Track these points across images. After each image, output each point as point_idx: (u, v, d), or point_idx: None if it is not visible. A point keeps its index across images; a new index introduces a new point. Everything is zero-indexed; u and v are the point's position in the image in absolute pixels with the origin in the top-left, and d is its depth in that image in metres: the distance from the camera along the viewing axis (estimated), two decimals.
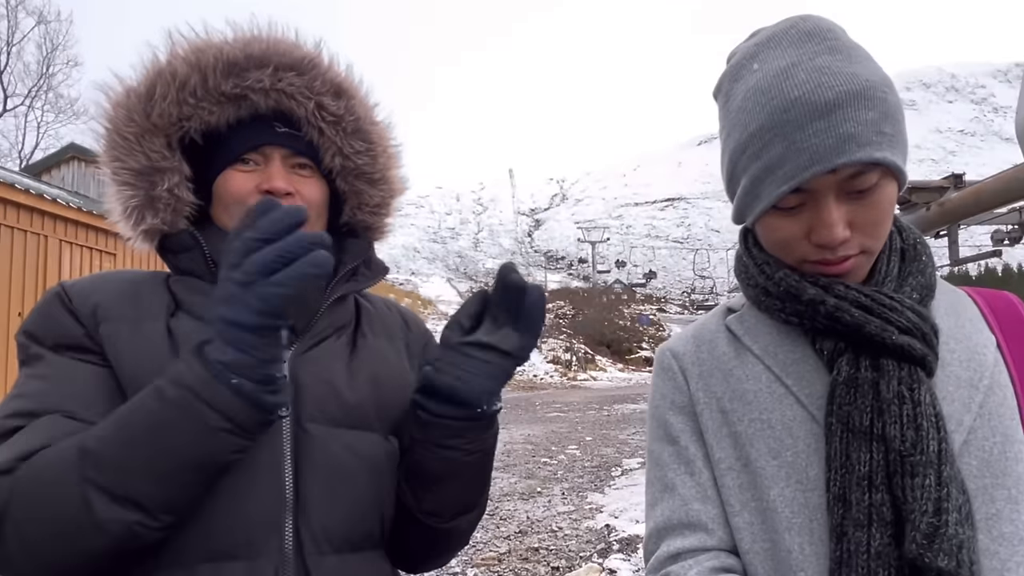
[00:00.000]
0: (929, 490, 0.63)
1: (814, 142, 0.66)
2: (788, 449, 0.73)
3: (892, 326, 0.70)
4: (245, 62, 0.84)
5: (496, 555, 4.58)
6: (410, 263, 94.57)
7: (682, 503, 0.78)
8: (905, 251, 0.78)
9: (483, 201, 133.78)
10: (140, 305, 0.83)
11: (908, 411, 0.67)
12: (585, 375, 28.12)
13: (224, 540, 0.75)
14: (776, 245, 0.76)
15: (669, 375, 0.85)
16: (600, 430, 11.11)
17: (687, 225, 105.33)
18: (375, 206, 0.96)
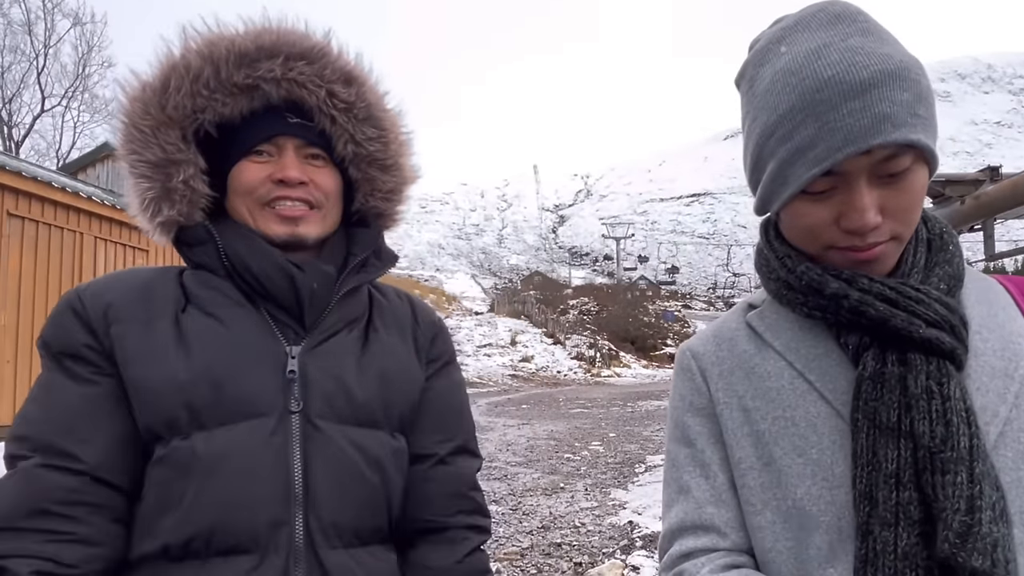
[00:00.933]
0: (961, 487, 0.61)
1: (848, 122, 0.63)
2: (813, 446, 0.72)
3: (919, 319, 0.68)
4: (256, 53, 0.86)
5: (518, 550, 4.59)
6: (435, 259, 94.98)
7: (696, 506, 0.78)
8: (931, 241, 0.76)
9: (507, 197, 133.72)
10: (151, 303, 0.84)
11: (937, 406, 0.64)
12: (609, 371, 28.01)
13: (235, 535, 0.77)
14: (803, 232, 0.73)
15: (688, 376, 0.84)
16: (624, 426, 11.06)
17: (713, 221, 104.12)
18: (388, 192, 0.97)
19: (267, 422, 0.80)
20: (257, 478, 0.78)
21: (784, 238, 0.79)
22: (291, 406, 0.82)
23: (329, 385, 0.84)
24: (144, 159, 0.86)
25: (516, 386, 22.10)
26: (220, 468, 0.77)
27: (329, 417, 0.83)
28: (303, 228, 0.88)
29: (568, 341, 30.98)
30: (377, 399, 0.88)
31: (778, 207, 0.72)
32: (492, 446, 9.05)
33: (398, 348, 0.95)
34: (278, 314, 0.87)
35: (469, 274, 77.94)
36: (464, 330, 29.50)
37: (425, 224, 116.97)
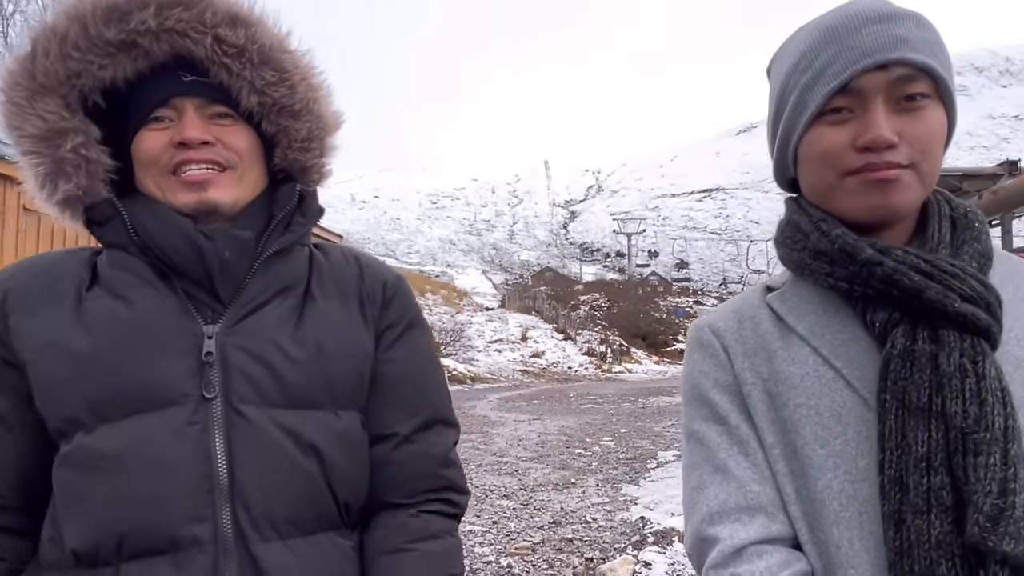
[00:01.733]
0: (994, 469, 0.59)
1: (867, 41, 0.66)
2: (837, 437, 0.69)
3: (954, 293, 0.65)
4: (126, 5, 0.77)
5: (530, 545, 4.59)
6: (446, 255, 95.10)
7: (739, 485, 0.73)
8: (956, 219, 0.74)
9: (518, 193, 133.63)
10: (51, 289, 0.78)
11: (971, 385, 0.62)
12: (620, 367, 27.94)
13: (149, 535, 0.71)
14: (820, 160, 0.71)
15: (710, 352, 0.80)
16: (635, 422, 11.03)
17: (725, 216, 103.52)
18: (303, 140, 0.87)
19: (181, 411, 0.74)
20: (169, 472, 0.72)
21: (815, 206, 0.76)
22: (207, 392, 0.75)
23: (252, 366, 0.77)
24: (27, 133, 0.78)
25: (527, 381, 22.10)
26: (126, 463, 0.71)
27: (253, 401, 0.77)
28: (213, 193, 0.80)
29: (579, 337, 30.93)
30: (315, 376, 0.80)
31: (799, 134, 0.72)
32: (503, 441, 9.05)
33: (339, 315, 0.86)
34: (194, 291, 0.80)
35: (480, 270, 78.02)
36: (475, 325, 29.52)
37: (436, 220, 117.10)
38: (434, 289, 35.59)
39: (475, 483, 6.43)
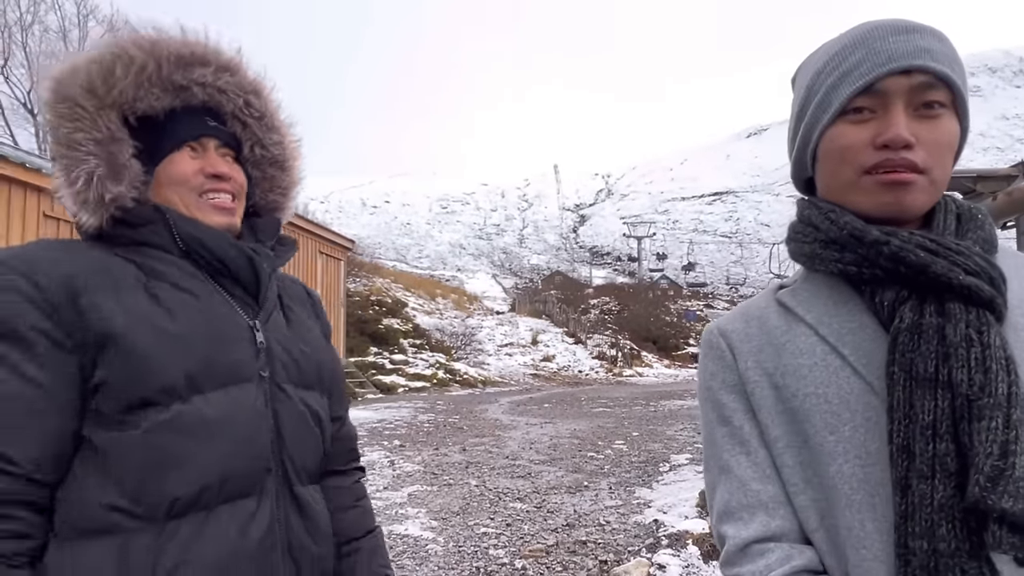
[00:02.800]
0: (996, 432, 0.61)
1: (893, 47, 0.71)
2: (846, 424, 0.71)
3: (958, 267, 0.68)
4: (191, 58, 0.96)
5: (544, 547, 4.60)
6: (456, 259, 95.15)
7: (739, 484, 0.77)
8: (961, 214, 0.77)
9: (528, 197, 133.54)
10: (113, 275, 0.87)
11: (977, 354, 0.64)
12: (631, 371, 27.85)
13: (241, 482, 0.89)
14: (839, 156, 0.74)
15: (717, 353, 0.83)
16: (647, 426, 11.00)
17: (735, 219, 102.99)
18: (284, 188, 1.10)
19: (252, 386, 0.92)
20: (254, 433, 0.91)
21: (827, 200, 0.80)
22: (262, 372, 0.95)
23: (283, 354, 0.99)
24: (92, 136, 0.90)
25: (537, 385, 22.08)
26: (224, 427, 0.88)
27: (286, 381, 0.98)
28: (234, 218, 1.00)
29: (589, 341, 30.87)
30: (314, 365, 1.03)
31: (821, 130, 0.76)
32: (515, 444, 9.06)
33: (310, 323, 1.10)
34: (234, 290, 0.97)
35: (490, 274, 78.00)
36: (485, 329, 29.53)
37: (446, 225, 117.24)
38: (444, 294, 35.64)
39: (488, 486, 6.46)
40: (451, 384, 20.05)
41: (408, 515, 5.43)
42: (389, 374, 18.89)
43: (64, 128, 0.90)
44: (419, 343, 23.16)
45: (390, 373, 19.03)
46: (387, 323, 22.71)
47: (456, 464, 7.52)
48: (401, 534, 4.90)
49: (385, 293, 26.73)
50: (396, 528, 5.05)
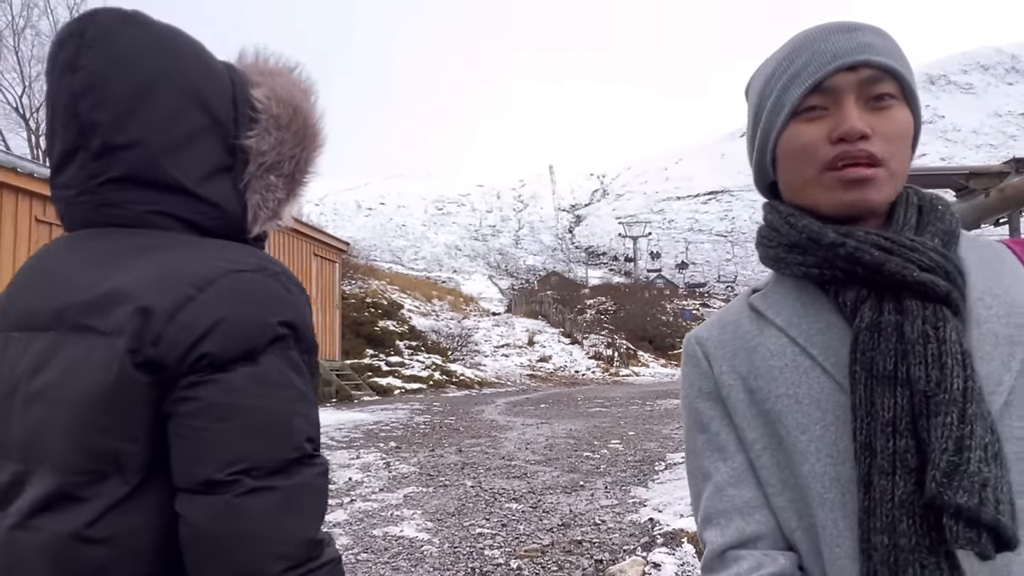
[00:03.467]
0: (951, 428, 0.61)
1: (836, 46, 0.73)
2: (817, 423, 0.72)
3: (913, 264, 0.68)
4: None
5: (539, 547, 4.59)
6: (452, 261, 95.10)
7: (716, 490, 0.78)
8: (922, 206, 0.77)
9: (523, 198, 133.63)
10: None
11: (933, 350, 0.64)
12: (627, 370, 27.88)
13: None
14: (799, 155, 0.75)
15: (695, 362, 0.85)
16: (643, 425, 11.01)
17: (731, 218, 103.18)
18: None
19: None
20: None
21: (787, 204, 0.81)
22: None
23: None
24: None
25: (534, 386, 22.08)
26: None
27: None
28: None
29: (586, 341, 30.89)
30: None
31: (777, 133, 0.76)
32: (511, 445, 9.05)
33: None
34: None
35: (486, 275, 78.02)
36: (482, 331, 29.52)
37: (442, 226, 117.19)
38: (440, 295, 35.62)
39: (484, 487, 6.45)
40: (447, 385, 20.03)
41: (404, 516, 5.42)
42: (385, 376, 18.86)
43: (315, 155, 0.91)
44: (415, 345, 23.14)
45: (386, 375, 19.00)
46: (383, 325, 22.68)
47: (452, 465, 7.51)
48: (396, 535, 4.89)
49: (380, 295, 26.70)
50: (392, 530, 5.04)
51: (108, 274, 0.74)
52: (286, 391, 0.73)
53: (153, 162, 0.78)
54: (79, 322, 0.72)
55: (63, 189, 0.81)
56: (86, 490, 0.69)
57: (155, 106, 0.79)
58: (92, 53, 0.77)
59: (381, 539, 4.82)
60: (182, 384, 0.69)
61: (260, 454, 0.69)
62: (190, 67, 0.82)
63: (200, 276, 0.72)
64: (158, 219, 0.80)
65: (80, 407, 0.69)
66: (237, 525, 0.67)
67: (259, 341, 0.72)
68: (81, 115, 0.77)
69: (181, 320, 0.70)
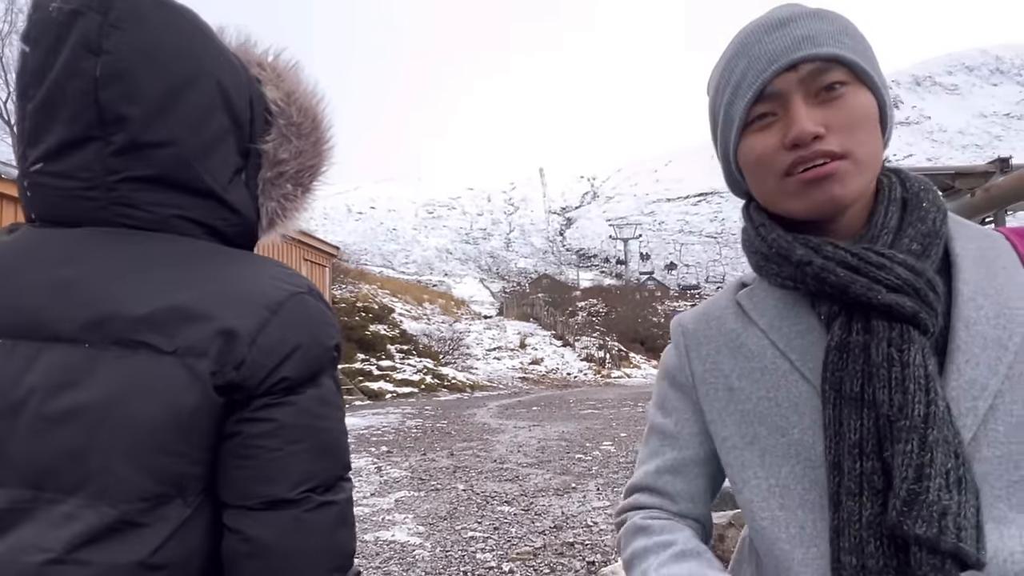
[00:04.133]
0: (911, 455, 0.61)
1: (771, 47, 0.70)
2: (795, 426, 0.71)
3: (880, 285, 0.66)
4: None
5: (531, 549, 4.58)
6: (443, 264, 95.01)
7: (655, 471, 0.84)
8: (907, 200, 0.74)
9: (514, 201, 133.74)
10: None
11: (896, 374, 0.64)
12: (619, 372, 27.92)
13: None
14: (758, 167, 0.73)
15: (676, 349, 0.86)
16: (635, 426, 11.02)
17: (720, 220, 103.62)
18: None
19: None
20: None
21: (762, 210, 0.79)
22: None
23: None
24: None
25: (526, 388, 22.07)
26: None
27: None
28: None
29: (577, 343, 30.92)
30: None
31: (733, 148, 0.75)
32: (503, 448, 9.04)
33: None
34: None
35: (477, 278, 77.99)
36: (473, 334, 29.49)
37: (433, 229, 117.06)
38: (432, 299, 35.57)
39: (476, 490, 6.43)
40: (439, 389, 19.99)
41: (395, 521, 5.39)
42: (376, 380, 18.80)
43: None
44: (406, 349, 23.08)
45: (377, 379, 18.94)
46: (374, 329, 22.62)
47: (444, 469, 7.48)
48: (388, 540, 4.87)
49: (371, 299, 26.62)
50: (383, 534, 5.01)
51: (158, 286, 0.69)
52: (340, 411, 0.76)
53: (185, 164, 0.74)
54: (129, 337, 0.67)
55: (60, 178, 0.72)
56: (148, 516, 0.66)
57: (187, 104, 0.73)
58: (121, 36, 0.70)
59: (372, 544, 4.79)
60: (255, 406, 0.69)
61: (325, 471, 0.72)
62: (218, 63, 0.77)
63: (270, 298, 0.72)
64: (182, 224, 0.75)
65: (148, 430, 0.65)
66: (305, 540, 0.69)
67: (323, 364, 0.74)
68: (104, 105, 0.70)
69: (261, 344, 0.69)
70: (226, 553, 0.69)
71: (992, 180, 5.36)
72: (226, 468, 0.69)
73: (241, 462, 0.68)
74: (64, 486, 0.65)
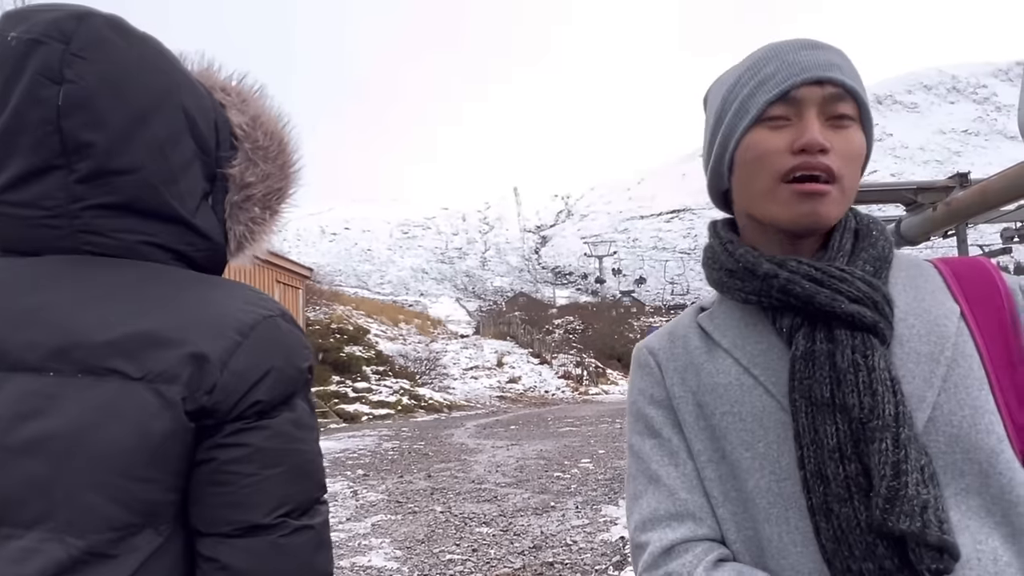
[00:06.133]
0: (887, 453, 0.63)
1: (805, 60, 0.74)
2: (760, 440, 0.73)
3: (842, 296, 0.70)
4: None
5: (511, 571, 4.53)
6: (419, 284, 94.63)
7: (668, 493, 0.77)
8: (859, 230, 0.79)
9: (489, 220, 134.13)
10: None
11: (864, 378, 0.66)
12: (596, 389, 27.96)
13: None
14: (758, 161, 0.75)
15: (647, 370, 0.85)
16: (613, 443, 11.02)
17: (694, 236, 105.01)
18: None
19: None
20: None
21: (730, 228, 0.84)
22: None
23: None
24: None
25: (504, 407, 21.97)
26: None
27: None
28: None
29: (555, 360, 30.91)
30: None
31: (738, 138, 0.77)
32: (481, 468, 8.96)
33: None
34: None
35: (453, 297, 77.79)
36: (450, 353, 29.33)
37: (408, 250, 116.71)
38: (407, 319, 35.34)
39: (453, 511, 6.35)
40: (416, 410, 19.79)
41: (372, 546, 5.30)
42: (352, 403, 18.55)
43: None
44: (382, 370, 22.85)
45: (353, 402, 18.69)
46: (349, 351, 22.37)
47: (421, 491, 7.39)
48: (364, 566, 4.77)
49: (346, 320, 26.37)
50: (359, 560, 4.91)
51: (125, 312, 0.67)
52: (313, 432, 0.75)
53: (152, 190, 0.73)
54: (97, 364, 0.65)
55: (22, 208, 0.71)
56: (117, 547, 0.63)
57: (153, 131, 0.73)
58: (83, 64, 0.69)
59: (349, 570, 4.70)
60: (228, 431, 0.67)
61: (301, 495, 0.71)
62: (182, 88, 0.76)
63: (241, 322, 0.71)
64: (149, 250, 0.74)
65: (118, 458, 0.64)
66: (282, 565, 0.68)
67: (295, 387, 0.73)
68: (67, 133, 0.69)
69: (233, 368, 0.68)
70: None
71: (953, 194, 5.52)
72: (200, 495, 0.67)
73: (215, 488, 0.67)
74: (23, 520, 0.62)
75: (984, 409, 0.68)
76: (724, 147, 0.79)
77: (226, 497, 0.67)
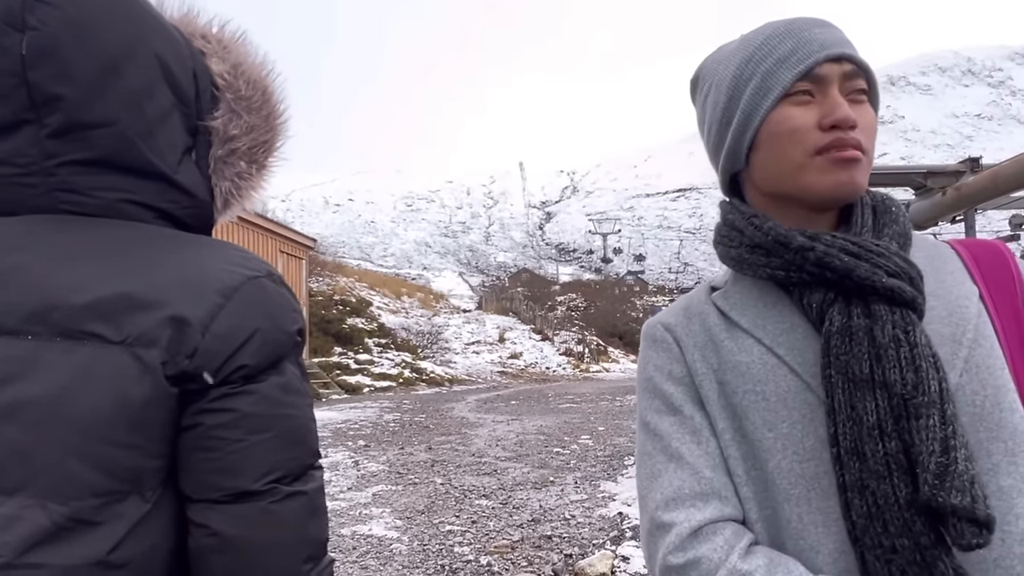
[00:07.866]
0: (934, 429, 0.62)
1: (821, 37, 0.74)
2: (783, 420, 0.72)
3: (880, 270, 0.69)
4: None
5: (509, 543, 4.60)
6: (422, 258, 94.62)
7: (692, 472, 0.74)
8: (876, 206, 0.79)
9: (494, 195, 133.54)
10: None
11: (906, 353, 0.65)
12: (597, 367, 28.09)
13: None
14: (791, 137, 0.74)
15: (664, 346, 0.83)
16: (613, 420, 11.10)
17: (699, 215, 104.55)
18: None
19: None
20: None
21: (747, 204, 0.82)
22: None
23: None
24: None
25: (505, 383, 22.10)
26: None
27: None
28: None
29: (556, 337, 31.03)
30: None
31: (764, 114, 0.75)
32: (482, 442, 9.04)
33: None
34: None
35: (456, 272, 77.77)
36: (452, 328, 29.43)
37: (412, 223, 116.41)
38: (410, 292, 35.41)
39: (454, 484, 6.43)
40: (417, 383, 19.93)
41: (372, 515, 5.37)
42: (354, 374, 18.68)
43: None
44: (384, 342, 22.97)
45: (355, 373, 18.82)
46: (351, 323, 22.47)
47: (422, 463, 7.47)
48: (365, 534, 4.85)
49: (349, 292, 26.44)
50: (360, 528, 4.99)
51: (104, 274, 0.65)
52: (304, 398, 0.73)
53: (128, 144, 0.69)
54: (75, 328, 0.63)
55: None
56: (102, 513, 0.62)
57: (126, 80, 0.69)
58: (47, 9, 0.65)
59: (349, 538, 4.77)
60: (213, 395, 0.66)
61: (292, 461, 0.69)
62: (155, 35, 0.72)
63: (224, 283, 0.68)
64: (130, 208, 0.71)
65: (98, 424, 0.62)
66: (274, 532, 0.67)
67: (284, 351, 0.71)
68: (34, 85, 0.65)
69: (215, 331, 0.66)
70: (192, 549, 0.66)
71: (963, 179, 5.47)
72: (187, 461, 0.66)
73: (202, 454, 0.66)
74: (4, 486, 0.61)
75: (1006, 388, 0.68)
76: (745, 125, 0.77)
77: (214, 463, 0.66)
